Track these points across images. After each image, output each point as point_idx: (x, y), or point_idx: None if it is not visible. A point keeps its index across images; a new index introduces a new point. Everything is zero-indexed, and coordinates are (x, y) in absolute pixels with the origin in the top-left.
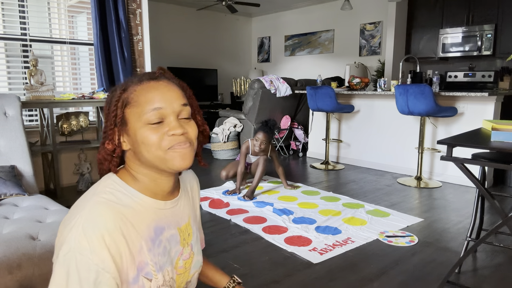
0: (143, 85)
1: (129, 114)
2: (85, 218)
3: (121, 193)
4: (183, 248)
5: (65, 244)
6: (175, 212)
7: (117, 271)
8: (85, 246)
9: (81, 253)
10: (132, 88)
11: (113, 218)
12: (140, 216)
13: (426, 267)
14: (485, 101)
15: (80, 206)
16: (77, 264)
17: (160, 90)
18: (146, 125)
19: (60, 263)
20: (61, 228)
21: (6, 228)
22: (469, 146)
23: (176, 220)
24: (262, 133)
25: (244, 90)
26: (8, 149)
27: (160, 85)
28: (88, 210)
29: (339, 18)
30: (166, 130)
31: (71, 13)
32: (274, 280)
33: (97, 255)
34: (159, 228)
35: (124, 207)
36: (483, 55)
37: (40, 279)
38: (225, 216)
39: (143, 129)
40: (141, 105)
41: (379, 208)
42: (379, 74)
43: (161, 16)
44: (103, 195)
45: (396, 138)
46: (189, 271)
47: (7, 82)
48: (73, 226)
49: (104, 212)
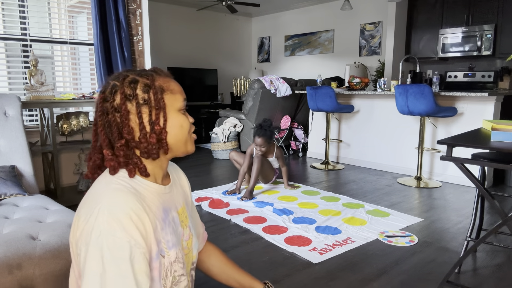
0: (166, 78)
1: (167, 99)
2: (108, 203)
3: (130, 180)
4: (183, 229)
5: (94, 229)
6: (172, 196)
7: (146, 247)
8: (115, 227)
9: (113, 234)
10: (162, 79)
11: (134, 199)
12: (151, 198)
13: (426, 267)
14: (485, 101)
15: (97, 196)
16: (109, 246)
17: (179, 85)
18: (178, 112)
19: (93, 248)
20: (82, 219)
21: (6, 228)
22: (469, 146)
23: (174, 204)
24: (258, 137)
25: (244, 90)
26: (8, 149)
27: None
28: (109, 196)
29: (339, 18)
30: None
31: (71, 13)
32: (274, 280)
33: (127, 233)
34: (166, 209)
35: (137, 191)
36: (483, 55)
37: (40, 279)
38: (225, 216)
39: (178, 115)
40: (176, 93)
41: (379, 208)
42: (379, 74)
43: (161, 16)
44: (117, 183)
45: (396, 138)
46: (192, 252)
47: (7, 82)
48: (99, 213)
49: (125, 195)
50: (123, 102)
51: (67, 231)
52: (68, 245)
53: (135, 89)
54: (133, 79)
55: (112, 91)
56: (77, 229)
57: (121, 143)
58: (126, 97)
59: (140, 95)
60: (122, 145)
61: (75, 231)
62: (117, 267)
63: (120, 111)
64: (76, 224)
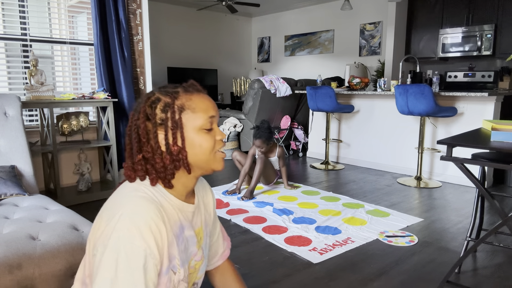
0: (194, 95)
1: (186, 119)
2: (131, 209)
3: (155, 191)
4: (197, 250)
5: (114, 233)
6: (193, 216)
7: (159, 259)
8: (134, 234)
9: (131, 241)
10: (186, 97)
11: (155, 210)
12: (170, 213)
13: (426, 267)
14: (485, 101)
15: (122, 201)
16: (126, 251)
17: (210, 101)
18: (201, 130)
19: (109, 251)
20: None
21: (6, 228)
22: (469, 146)
23: (192, 223)
24: (256, 139)
25: (244, 90)
26: (8, 149)
27: (206, 97)
28: (133, 203)
29: (339, 18)
30: (216, 136)
31: (71, 13)
32: (274, 280)
33: (145, 242)
34: (182, 226)
35: (160, 203)
36: (483, 55)
37: (40, 279)
38: (225, 216)
39: (199, 133)
40: (199, 112)
41: (379, 208)
42: (379, 74)
43: (161, 16)
44: (143, 192)
45: (396, 138)
46: (198, 273)
47: (7, 82)
48: (120, 217)
49: (148, 204)
50: (143, 121)
51: (67, 231)
52: (68, 245)
53: (154, 109)
54: (156, 98)
55: (136, 109)
56: (98, 229)
57: (139, 158)
58: (146, 116)
59: (158, 115)
60: (140, 160)
61: (95, 230)
62: (129, 274)
63: (139, 129)
64: (97, 224)
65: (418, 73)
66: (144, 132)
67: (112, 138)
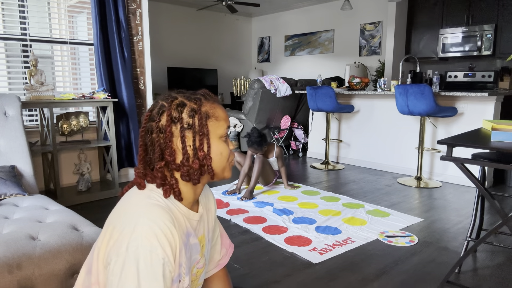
0: (214, 104)
1: (211, 126)
2: (147, 217)
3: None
4: (200, 258)
5: (131, 243)
6: (198, 224)
7: (174, 266)
8: (153, 243)
9: (150, 250)
10: (209, 104)
11: (170, 218)
12: (180, 220)
13: (426, 267)
14: (485, 101)
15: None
16: (146, 261)
17: (224, 112)
18: (219, 139)
19: (128, 261)
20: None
21: (6, 228)
22: (469, 146)
23: (196, 231)
24: (249, 147)
25: (244, 90)
26: (8, 149)
27: (222, 107)
28: (147, 211)
29: (339, 18)
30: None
31: (71, 13)
32: (274, 280)
33: (164, 250)
34: (188, 234)
35: (171, 211)
36: (483, 55)
37: (40, 279)
38: (225, 216)
39: (220, 142)
40: (220, 120)
41: (379, 208)
42: (379, 74)
43: (161, 16)
44: (154, 199)
45: (396, 138)
46: (198, 280)
47: (7, 82)
48: (136, 226)
49: (163, 213)
50: (168, 124)
51: (67, 231)
52: (68, 245)
53: (181, 113)
54: (181, 102)
55: (159, 111)
56: (110, 238)
57: (161, 165)
58: (172, 119)
59: (185, 119)
60: (162, 167)
61: (107, 239)
62: (151, 283)
63: (164, 133)
64: (109, 232)
65: (418, 73)
66: (169, 135)
67: (112, 138)
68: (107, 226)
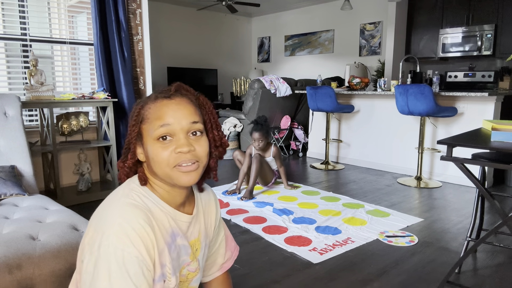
0: (157, 102)
1: (144, 130)
2: (119, 216)
3: (145, 197)
4: (191, 260)
5: (103, 241)
6: (187, 226)
7: (151, 265)
8: (125, 241)
9: (122, 248)
10: (148, 106)
11: (144, 217)
12: (160, 219)
13: (426, 267)
14: (485, 101)
15: (110, 207)
16: (117, 260)
17: (171, 107)
18: (156, 141)
19: (101, 260)
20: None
21: (6, 228)
22: (469, 146)
23: (186, 233)
24: (254, 132)
25: (244, 90)
26: (8, 149)
27: (172, 102)
28: (122, 210)
29: (339, 18)
30: (174, 147)
31: (71, 13)
32: (274, 280)
33: (136, 249)
34: (174, 234)
35: (150, 210)
36: (483, 55)
37: (40, 279)
38: (225, 216)
39: (154, 145)
40: (152, 122)
41: (379, 208)
42: (379, 74)
43: (161, 16)
44: (131, 198)
45: (396, 138)
46: (189, 283)
47: (7, 82)
48: (109, 224)
49: (137, 211)
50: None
51: (67, 231)
52: (68, 245)
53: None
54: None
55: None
56: (86, 235)
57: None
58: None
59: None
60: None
61: (85, 236)
62: (123, 282)
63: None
64: (87, 230)
65: (418, 73)
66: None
67: (112, 138)
68: (89, 224)
